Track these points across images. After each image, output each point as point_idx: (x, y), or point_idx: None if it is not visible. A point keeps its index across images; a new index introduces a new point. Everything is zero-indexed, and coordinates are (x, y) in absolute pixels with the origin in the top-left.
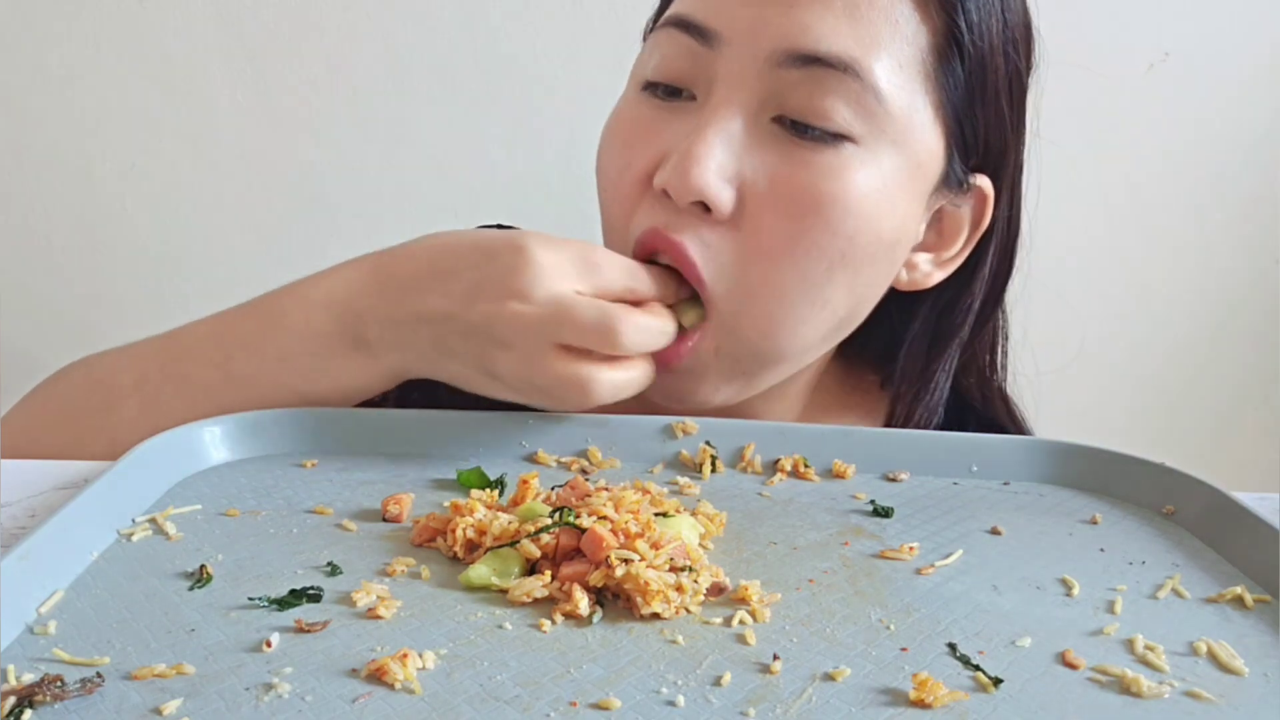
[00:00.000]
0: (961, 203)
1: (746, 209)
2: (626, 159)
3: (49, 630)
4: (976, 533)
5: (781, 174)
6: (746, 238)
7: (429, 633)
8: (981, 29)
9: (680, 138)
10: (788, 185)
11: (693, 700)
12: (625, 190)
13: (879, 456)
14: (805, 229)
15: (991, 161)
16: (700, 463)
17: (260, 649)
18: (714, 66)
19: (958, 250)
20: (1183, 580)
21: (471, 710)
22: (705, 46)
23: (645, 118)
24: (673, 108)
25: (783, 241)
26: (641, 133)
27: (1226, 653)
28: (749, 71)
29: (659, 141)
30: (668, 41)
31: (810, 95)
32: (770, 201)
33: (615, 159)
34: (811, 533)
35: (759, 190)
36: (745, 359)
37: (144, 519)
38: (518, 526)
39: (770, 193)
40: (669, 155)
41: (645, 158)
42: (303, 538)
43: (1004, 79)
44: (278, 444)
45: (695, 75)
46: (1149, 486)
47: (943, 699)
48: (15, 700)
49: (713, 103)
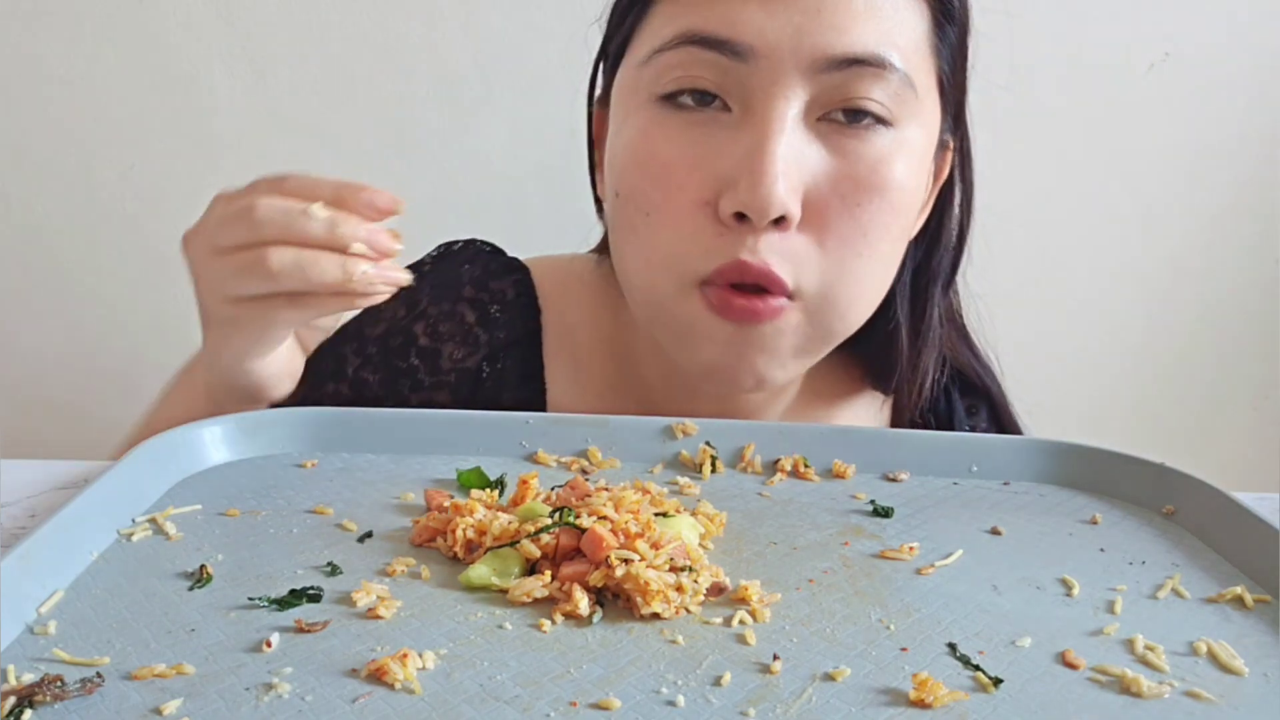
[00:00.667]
0: (936, 156)
1: (811, 207)
2: (676, 183)
3: (49, 630)
4: (976, 533)
5: (837, 170)
6: (819, 236)
7: (429, 633)
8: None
9: (736, 155)
10: (846, 179)
11: (693, 700)
12: (684, 216)
13: (879, 456)
14: (870, 215)
15: (957, 114)
16: (700, 463)
17: (260, 649)
18: (749, 79)
19: (928, 200)
20: (1183, 580)
21: (471, 710)
22: (736, 61)
23: (681, 136)
24: (706, 120)
25: (852, 232)
26: (686, 153)
27: (1226, 653)
28: (790, 80)
29: (711, 161)
30: (689, 59)
31: (852, 93)
32: (833, 198)
33: (660, 184)
34: (811, 533)
35: (821, 190)
36: (820, 335)
37: (144, 519)
38: (518, 526)
39: (832, 190)
40: (732, 175)
41: (699, 180)
42: (303, 538)
43: (966, 35)
44: (278, 444)
45: (726, 88)
46: (1149, 486)
47: (943, 699)
48: (15, 700)
49: (761, 114)
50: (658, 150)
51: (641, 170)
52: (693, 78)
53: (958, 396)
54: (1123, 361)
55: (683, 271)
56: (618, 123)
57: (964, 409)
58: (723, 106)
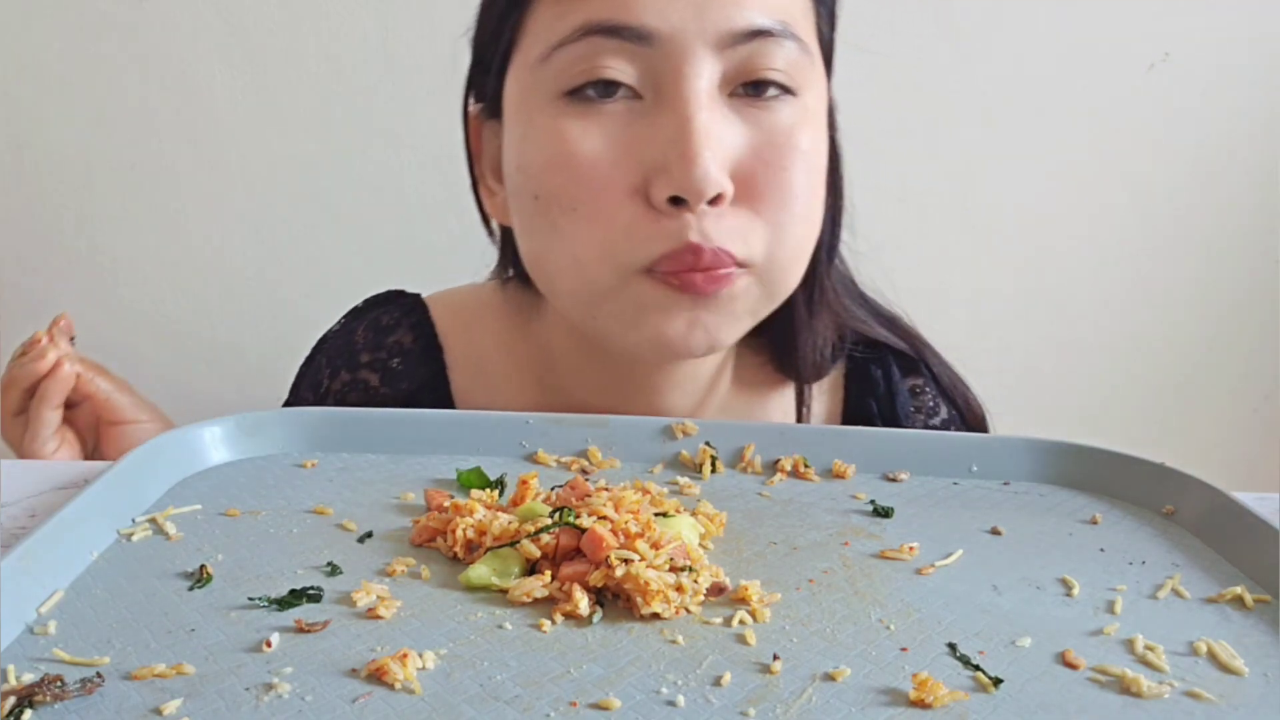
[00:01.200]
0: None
1: (742, 181)
2: (602, 177)
3: (49, 630)
4: (976, 533)
5: (757, 140)
6: (754, 206)
7: (429, 633)
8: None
9: (660, 140)
10: (767, 148)
11: (693, 700)
12: (612, 207)
13: (879, 456)
14: (794, 179)
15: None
16: (700, 463)
17: (260, 649)
18: (657, 63)
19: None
20: (1183, 580)
21: (471, 710)
22: (642, 46)
23: (597, 130)
24: (620, 112)
25: (783, 197)
26: (606, 146)
27: (1226, 653)
28: (700, 59)
29: (635, 150)
30: (592, 50)
31: (759, 64)
32: (759, 167)
33: (583, 180)
34: (811, 533)
35: (747, 162)
36: (768, 295)
37: (144, 519)
38: (518, 526)
39: (756, 160)
40: (660, 161)
41: (625, 171)
42: (303, 538)
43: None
44: (278, 444)
45: (634, 74)
46: (1149, 486)
47: (943, 699)
48: (15, 700)
49: (678, 97)
50: (576, 146)
51: (561, 169)
52: (599, 68)
53: (899, 377)
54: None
55: (622, 262)
56: (520, 127)
57: (908, 390)
58: (632, 94)
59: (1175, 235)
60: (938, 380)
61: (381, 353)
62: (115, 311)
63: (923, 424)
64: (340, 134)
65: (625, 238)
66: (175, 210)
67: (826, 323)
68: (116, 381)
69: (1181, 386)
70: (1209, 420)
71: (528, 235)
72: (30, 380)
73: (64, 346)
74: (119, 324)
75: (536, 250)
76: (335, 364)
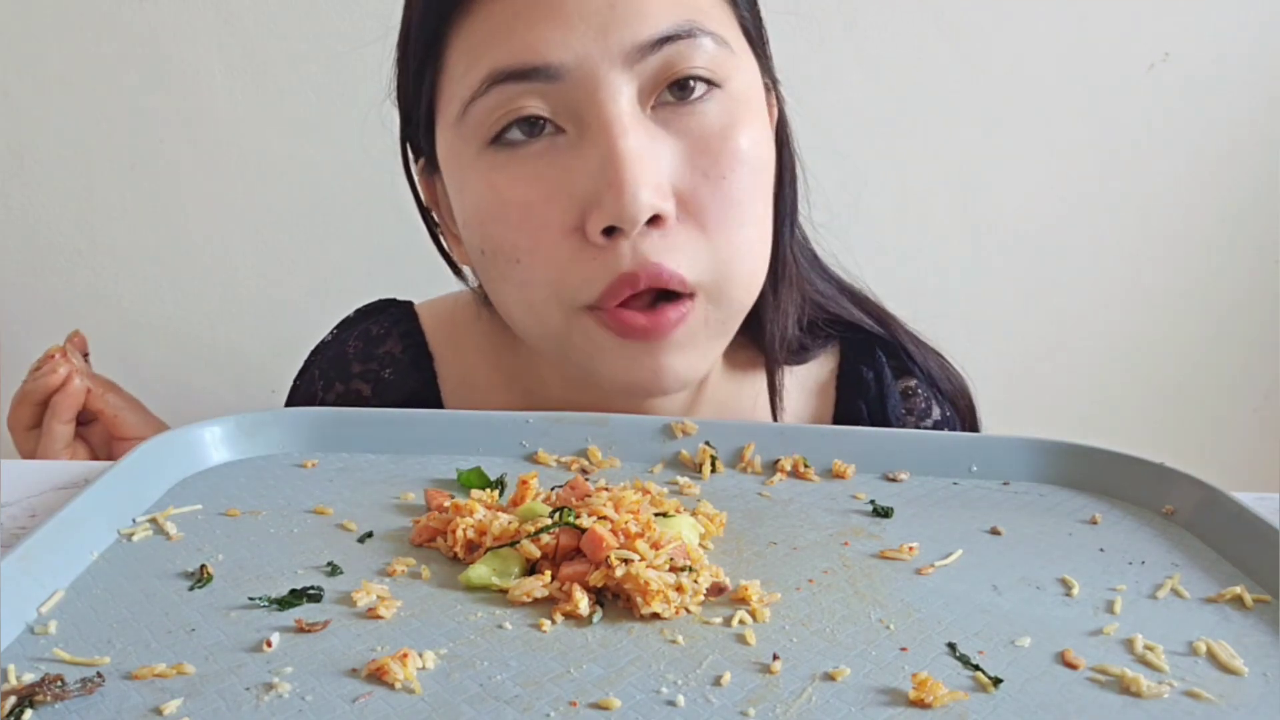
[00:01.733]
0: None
1: (682, 198)
2: (537, 218)
3: (49, 630)
4: (976, 533)
5: (691, 150)
6: (699, 222)
7: (429, 633)
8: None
9: (589, 174)
10: (702, 157)
11: (693, 700)
12: (551, 249)
13: (879, 456)
14: (737, 184)
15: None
16: (700, 463)
17: (260, 649)
18: (571, 94)
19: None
20: (1182, 580)
21: (471, 710)
22: (551, 83)
23: (526, 174)
24: (543, 150)
25: (727, 207)
26: (535, 189)
27: (1226, 653)
28: (611, 80)
29: (564, 188)
30: (504, 98)
31: (675, 69)
32: (698, 180)
33: (522, 226)
34: (811, 533)
35: (684, 176)
36: (728, 316)
37: (144, 519)
38: (518, 526)
39: (693, 172)
40: (591, 195)
41: (558, 209)
42: (303, 538)
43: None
44: (278, 444)
45: (552, 109)
46: (1148, 486)
47: (943, 699)
48: (16, 700)
49: (599, 124)
50: (507, 195)
51: (498, 220)
52: (514, 111)
53: (890, 379)
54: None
55: (565, 301)
56: (456, 184)
57: (900, 393)
58: (555, 130)
59: (1175, 235)
60: (933, 382)
61: (373, 364)
62: (115, 311)
63: (914, 426)
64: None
65: (567, 277)
66: (175, 210)
67: (793, 299)
68: (126, 399)
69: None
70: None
71: (486, 285)
72: (43, 394)
73: (76, 362)
74: (119, 324)
75: (496, 299)
76: (329, 375)
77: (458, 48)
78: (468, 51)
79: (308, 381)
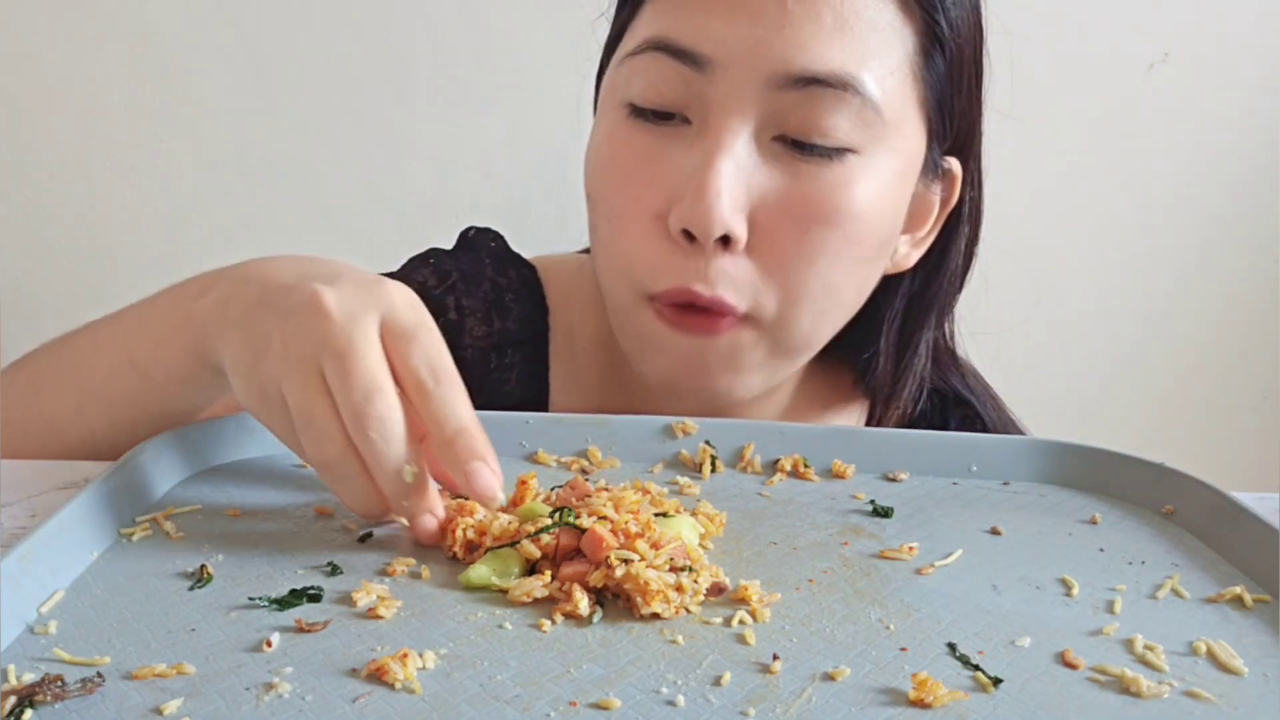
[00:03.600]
0: (933, 184)
1: (760, 229)
2: (632, 192)
3: (49, 630)
4: (976, 533)
5: (790, 192)
6: (767, 257)
7: (429, 633)
8: (957, 22)
9: (686, 170)
10: (799, 203)
11: (693, 700)
12: (635, 226)
13: (879, 456)
14: (821, 240)
15: (960, 142)
16: (700, 463)
17: (260, 649)
18: (707, 91)
19: (929, 229)
20: (1182, 580)
21: (471, 710)
22: (696, 72)
23: (641, 145)
24: (667, 133)
25: (802, 255)
26: (643, 164)
27: (1226, 653)
28: (746, 95)
29: (664, 173)
30: (654, 66)
31: (811, 114)
32: (783, 220)
33: (618, 191)
34: (811, 533)
35: (770, 210)
36: (782, 351)
37: (144, 519)
38: (518, 526)
39: (782, 211)
40: (680, 191)
41: (651, 191)
42: (303, 538)
43: (972, 63)
44: (278, 444)
45: (688, 100)
46: (1148, 486)
47: (942, 699)
48: (16, 700)
49: (713, 129)
50: (619, 157)
51: (604, 175)
52: (656, 89)
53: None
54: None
55: (635, 282)
56: (597, 119)
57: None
58: (683, 119)
59: (1175, 235)
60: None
61: (503, 279)
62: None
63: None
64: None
65: (639, 260)
66: (175, 210)
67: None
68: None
69: (1181, 386)
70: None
71: (589, 225)
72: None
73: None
74: None
75: (591, 245)
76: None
77: (657, 4)
78: (654, 8)
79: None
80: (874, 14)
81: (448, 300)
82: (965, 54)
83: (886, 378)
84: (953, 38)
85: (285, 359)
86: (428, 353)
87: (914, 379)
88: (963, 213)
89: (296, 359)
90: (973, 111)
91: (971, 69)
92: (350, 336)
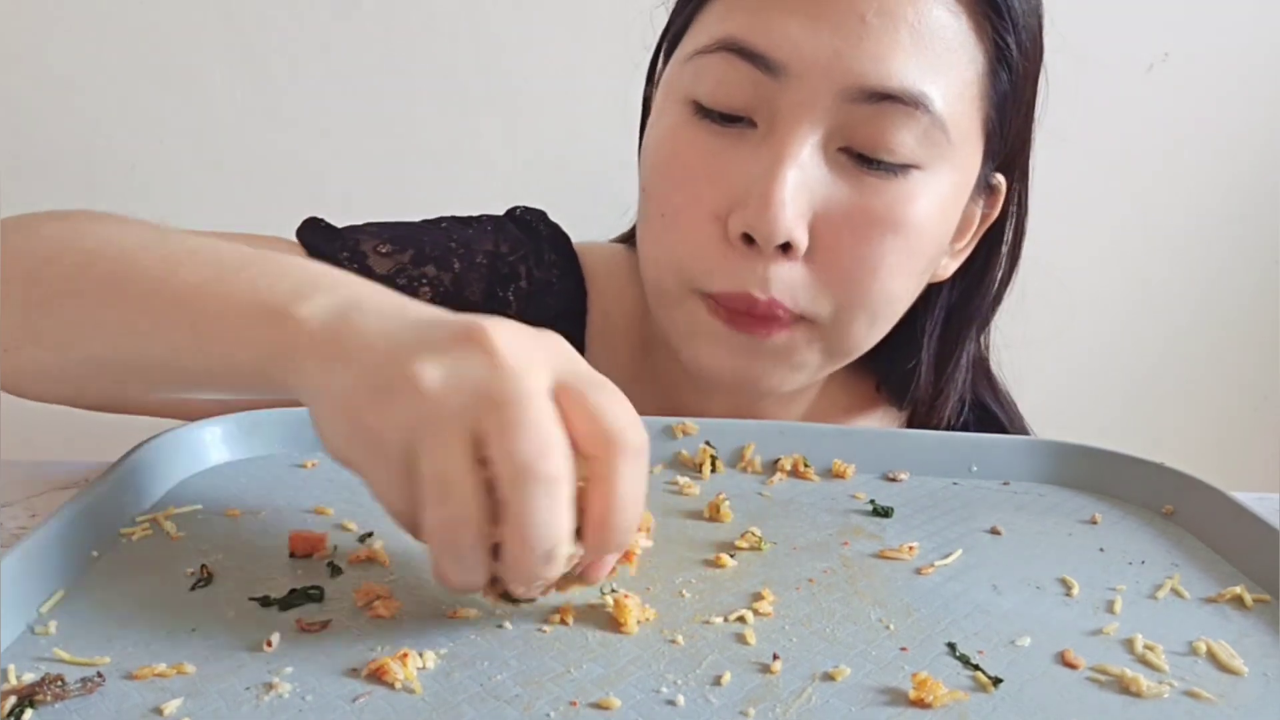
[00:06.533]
0: (978, 198)
1: (821, 238)
2: (693, 192)
3: (50, 630)
4: (976, 533)
5: (853, 204)
6: (825, 266)
7: (429, 633)
8: (1024, 43)
9: (751, 174)
10: (861, 215)
11: (693, 700)
12: (691, 224)
13: (879, 456)
14: (883, 253)
15: (1009, 159)
16: (700, 463)
17: (260, 649)
18: (778, 97)
19: (968, 240)
20: (1182, 580)
21: (471, 710)
22: (769, 76)
23: (705, 145)
24: (733, 135)
25: (862, 266)
26: (706, 163)
27: (1226, 652)
28: (818, 105)
29: (726, 175)
30: (724, 66)
31: (880, 130)
32: (845, 230)
33: (677, 188)
34: (811, 533)
35: (832, 220)
36: (831, 351)
37: (144, 519)
38: None
39: (845, 222)
40: (743, 194)
41: (714, 193)
42: None
43: (1033, 84)
44: (278, 444)
45: (756, 104)
46: (1148, 486)
47: (942, 699)
48: (16, 700)
49: (780, 135)
50: (681, 154)
51: (663, 171)
52: (725, 90)
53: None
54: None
55: (687, 279)
56: (656, 113)
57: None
58: (749, 122)
59: (1175, 235)
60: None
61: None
62: None
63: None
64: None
65: (695, 258)
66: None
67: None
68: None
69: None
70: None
71: (638, 216)
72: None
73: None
74: None
75: (638, 235)
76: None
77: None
78: (725, 4)
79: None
80: (949, 33)
81: (520, 269)
82: (1029, 75)
83: (929, 389)
84: (1020, 59)
85: (433, 406)
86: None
87: (955, 391)
88: (1006, 226)
89: (451, 410)
90: (1026, 130)
91: (1032, 90)
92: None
